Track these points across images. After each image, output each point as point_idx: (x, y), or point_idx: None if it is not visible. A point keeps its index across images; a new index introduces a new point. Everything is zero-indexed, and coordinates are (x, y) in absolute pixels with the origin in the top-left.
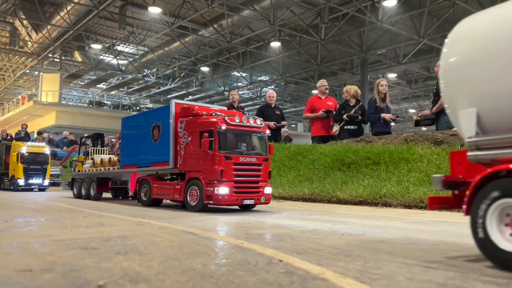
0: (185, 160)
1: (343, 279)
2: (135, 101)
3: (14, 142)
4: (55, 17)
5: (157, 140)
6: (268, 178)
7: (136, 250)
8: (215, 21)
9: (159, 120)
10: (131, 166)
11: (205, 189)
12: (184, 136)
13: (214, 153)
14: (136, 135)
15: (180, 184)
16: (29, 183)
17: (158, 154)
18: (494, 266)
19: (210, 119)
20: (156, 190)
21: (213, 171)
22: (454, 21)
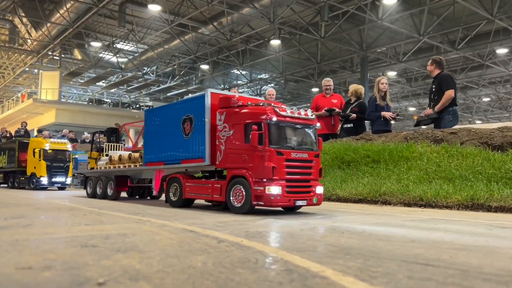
0: (226, 156)
1: (343, 276)
2: (135, 99)
3: (32, 138)
4: (54, 15)
5: (189, 134)
6: (319, 176)
7: (136, 248)
8: (215, 19)
9: (191, 112)
10: (156, 163)
11: (253, 189)
12: (224, 129)
13: (264, 148)
14: (162, 129)
15: (220, 182)
16: (52, 182)
17: (190, 150)
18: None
19: (258, 110)
20: (189, 190)
21: (263, 168)
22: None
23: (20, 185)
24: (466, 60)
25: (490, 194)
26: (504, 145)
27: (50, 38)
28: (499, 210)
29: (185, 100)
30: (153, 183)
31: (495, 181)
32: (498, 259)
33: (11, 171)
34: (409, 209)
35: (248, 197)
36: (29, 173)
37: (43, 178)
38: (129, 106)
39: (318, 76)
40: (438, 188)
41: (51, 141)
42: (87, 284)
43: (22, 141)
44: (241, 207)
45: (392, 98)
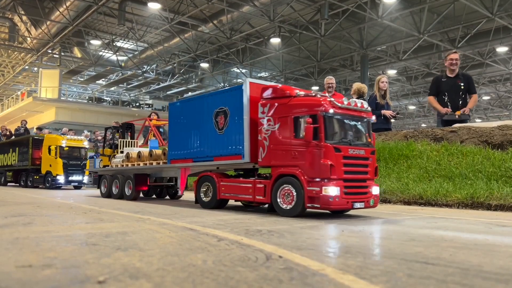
0: (271, 152)
1: (342, 275)
2: (135, 97)
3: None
4: (54, 13)
5: (223, 129)
6: (375, 175)
7: (136, 246)
8: (214, 17)
9: (226, 105)
10: (183, 161)
11: (306, 189)
12: (268, 123)
13: (319, 143)
14: (190, 124)
15: (264, 182)
16: (68, 181)
17: (225, 146)
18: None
19: (312, 100)
20: (224, 189)
21: (319, 166)
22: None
23: (33, 184)
24: (466, 58)
25: (490, 193)
26: (504, 143)
27: (50, 36)
28: (499, 209)
29: (217, 92)
30: (178, 182)
31: (495, 180)
32: (498, 257)
33: (23, 169)
34: (409, 207)
35: (299, 199)
36: (44, 171)
37: (60, 176)
38: (129, 104)
39: (318, 75)
40: (438, 187)
41: (67, 138)
42: (87, 282)
43: (36, 138)
44: (291, 209)
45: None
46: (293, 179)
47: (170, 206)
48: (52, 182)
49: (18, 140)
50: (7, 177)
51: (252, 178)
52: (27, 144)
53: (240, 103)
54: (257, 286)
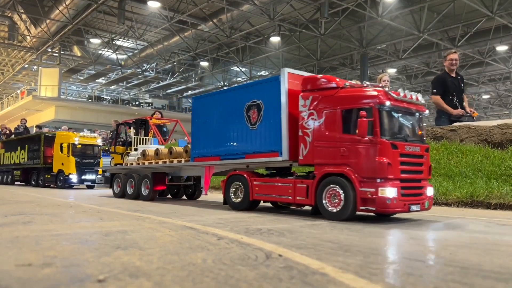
0: (314, 149)
1: (342, 274)
2: (134, 96)
3: (59, 132)
4: (54, 11)
5: (256, 124)
6: (429, 175)
7: (136, 244)
8: (214, 16)
9: (260, 98)
10: (209, 158)
11: (359, 190)
12: (311, 117)
13: (374, 139)
14: (218, 119)
15: (306, 181)
16: (82, 180)
17: (259, 142)
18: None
19: (365, 92)
20: (258, 190)
21: (374, 165)
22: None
23: (45, 183)
24: (466, 57)
25: (489, 191)
26: (504, 142)
27: (50, 35)
28: (499, 207)
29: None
30: (202, 182)
31: (495, 178)
32: (498, 256)
33: (33, 167)
34: None
35: (348, 200)
36: (55, 170)
37: (72, 175)
38: (128, 103)
39: (318, 73)
40: (437, 185)
41: (80, 135)
42: (87, 281)
43: (48, 135)
44: (339, 212)
45: None
46: (341, 179)
47: (169, 205)
48: (64, 182)
49: (28, 137)
50: (14, 176)
51: (291, 178)
52: (39, 141)
53: (276, 95)
54: (257, 285)
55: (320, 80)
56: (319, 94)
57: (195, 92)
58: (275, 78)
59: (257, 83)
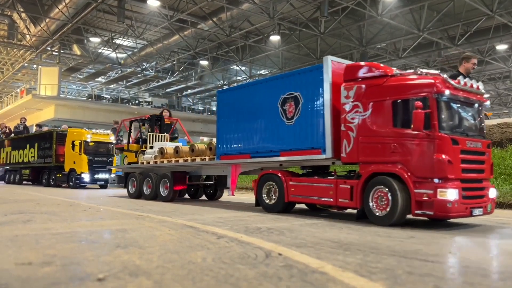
0: (360, 145)
1: (342, 272)
2: (134, 95)
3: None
4: (53, 10)
5: (293, 118)
6: (491, 174)
7: (135, 243)
8: (214, 14)
9: (297, 89)
10: (237, 156)
11: (413, 192)
12: (355, 109)
13: (432, 133)
14: (247, 114)
15: (350, 182)
16: (94, 179)
17: (297, 138)
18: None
19: (419, 80)
20: (295, 190)
21: (432, 163)
22: (454, 15)
23: (56, 182)
24: None
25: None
26: (504, 141)
27: (49, 34)
28: (498, 206)
29: (285, 75)
30: (228, 181)
31: (495, 177)
32: (497, 254)
33: (44, 166)
34: None
35: (396, 204)
36: (67, 169)
37: (84, 174)
38: (128, 102)
39: None
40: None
41: (92, 132)
42: (87, 279)
43: (60, 133)
44: (387, 216)
45: None
46: (390, 180)
47: (169, 203)
48: (76, 181)
49: (39, 135)
50: (23, 175)
51: (331, 177)
52: (50, 139)
53: (318, 86)
54: (256, 283)
55: (365, 68)
56: (365, 83)
57: (194, 91)
58: (316, 67)
59: (295, 74)
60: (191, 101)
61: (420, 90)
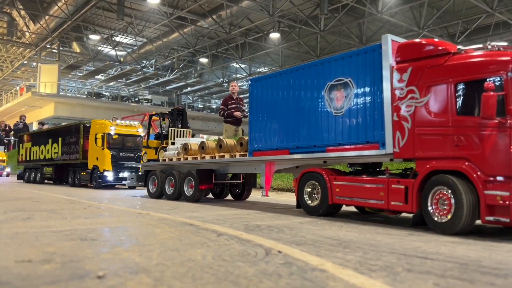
0: (416, 138)
1: (342, 270)
2: (134, 93)
3: (94, 120)
4: (52, 7)
5: (343, 108)
6: None
7: (135, 241)
8: (214, 12)
9: (348, 74)
10: (274, 152)
11: (483, 194)
12: (410, 95)
13: (507, 121)
14: (286, 104)
15: (405, 181)
16: (119, 178)
17: (347, 131)
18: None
19: (490, 57)
20: (340, 191)
21: (508, 158)
22: (454, 13)
23: (81, 182)
24: None
25: None
26: None
27: (49, 31)
28: None
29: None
30: (262, 180)
31: None
32: (497, 252)
33: (69, 164)
34: None
35: (461, 208)
36: (90, 166)
37: (108, 172)
38: (128, 99)
39: None
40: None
41: (117, 124)
42: (86, 277)
43: (87, 125)
44: (450, 223)
45: None
46: (453, 179)
47: (169, 201)
48: (99, 180)
49: (63, 128)
50: (44, 173)
51: (383, 176)
52: (76, 133)
53: (375, 70)
54: (256, 280)
55: (422, 45)
56: (422, 64)
57: (194, 88)
58: (372, 49)
59: (345, 57)
60: (190, 99)
61: (491, 69)
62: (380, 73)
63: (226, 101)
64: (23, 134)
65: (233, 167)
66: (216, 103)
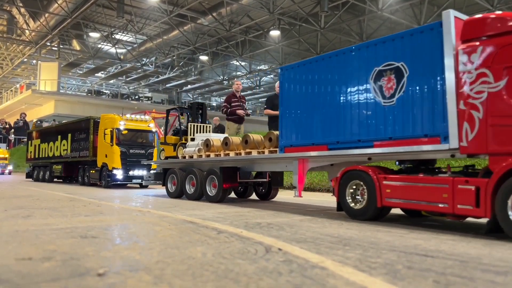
0: (489, 130)
1: (342, 267)
2: (134, 90)
3: (104, 114)
4: (52, 5)
5: (394, 97)
6: None
7: (135, 238)
8: (214, 9)
9: (399, 58)
10: (309, 148)
11: None
12: (480, 79)
13: None
14: (323, 94)
15: (476, 181)
16: (129, 176)
17: (399, 123)
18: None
19: None
20: (392, 192)
21: None
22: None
23: (90, 180)
24: None
25: None
26: None
27: (49, 29)
28: None
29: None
30: (294, 179)
31: None
32: (497, 249)
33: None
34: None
35: None
36: (99, 163)
37: (117, 170)
38: (128, 97)
39: None
40: None
41: (127, 118)
42: (87, 274)
43: (98, 121)
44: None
45: None
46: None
47: (169, 199)
48: (108, 178)
49: (72, 124)
50: (53, 171)
51: (444, 175)
52: (86, 129)
53: (433, 51)
54: (256, 278)
55: (497, 20)
56: (497, 41)
57: (194, 86)
58: (429, 27)
59: (395, 38)
60: (190, 97)
61: None
62: (441, 55)
63: (229, 99)
64: (31, 131)
65: (260, 165)
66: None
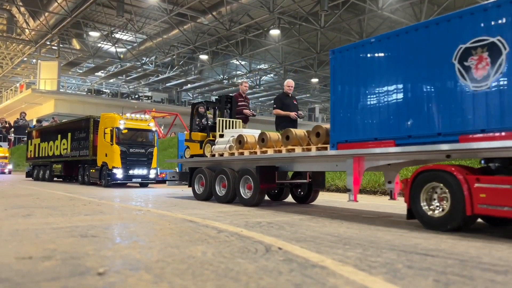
0: None
1: (342, 266)
2: (134, 89)
3: (104, 114)
4: (52, 4)
5: (488, 80)
6: None
7: (136, 237)
8: (214, 8)
9: (495, 32)
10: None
11: None
12: None
13: None
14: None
15: None
16: (129, 175)
17: (497, 112)
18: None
19: None
20: (489, 198)
21: None
22: (455, 9)
23: (90, 179)
24: None
25: None
26: None
27: (48, 28)
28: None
29: (465, 11)
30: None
31: None
32: (497, 249)
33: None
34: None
35: None
36: (99, 163)
37: (117, 170)
38: (128, 96)
39: (317, 67)
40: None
41: (127, 117)
42: (87, 274)
43: (98, 120)
44: None
45: None
46: None
47: (169, 198)
48: (108, 178)
49: (72, 123)
50: (53, 170)
51: None
52: (86, 128)
53: None
54: (256, 277)
55: None
56: None
57: (194, 85)
58: None
59: (488, 8)
60: (190, 96)
61: None
62: None
63: (236, 99)
64: (31, 130)
65: (302, 164)
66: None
